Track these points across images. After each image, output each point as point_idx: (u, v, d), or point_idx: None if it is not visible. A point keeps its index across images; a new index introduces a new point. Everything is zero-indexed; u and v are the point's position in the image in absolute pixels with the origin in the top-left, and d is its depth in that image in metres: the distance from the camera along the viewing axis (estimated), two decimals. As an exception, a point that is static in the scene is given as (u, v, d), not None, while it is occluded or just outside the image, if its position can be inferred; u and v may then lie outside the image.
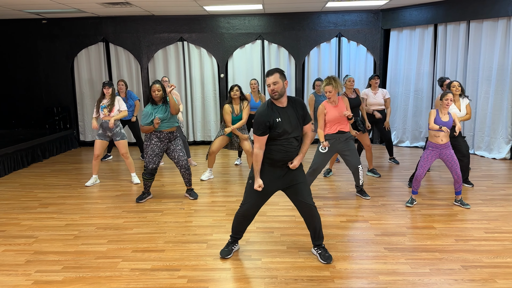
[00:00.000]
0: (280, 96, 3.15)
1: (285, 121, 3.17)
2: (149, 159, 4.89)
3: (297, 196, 3.34)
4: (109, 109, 5.64)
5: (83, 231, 4.19)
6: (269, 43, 8.69)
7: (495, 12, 6.78)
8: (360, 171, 4.92)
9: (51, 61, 8.88)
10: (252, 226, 4.20)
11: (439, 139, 4.51)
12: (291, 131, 3.19)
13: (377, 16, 8.45)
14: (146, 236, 4.01)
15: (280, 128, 3.15)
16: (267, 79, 3.15)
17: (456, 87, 5.09)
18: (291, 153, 3.25)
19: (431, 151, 4.57)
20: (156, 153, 4.89)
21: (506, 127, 6.97)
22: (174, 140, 4.97)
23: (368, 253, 3.56)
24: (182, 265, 3.40)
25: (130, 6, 7.36)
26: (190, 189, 5.24)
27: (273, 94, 3.13)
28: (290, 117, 3.19)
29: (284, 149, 3.21)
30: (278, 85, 3.13)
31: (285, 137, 3.19)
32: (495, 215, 4.43)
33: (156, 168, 4.96)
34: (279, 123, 3.15)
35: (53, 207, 4.99)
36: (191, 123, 9.06)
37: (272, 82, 3.12)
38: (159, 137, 4.87)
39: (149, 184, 5.08)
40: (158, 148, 4.89)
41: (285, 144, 3.20)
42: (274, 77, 3.13)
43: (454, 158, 4.53)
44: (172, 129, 4.94)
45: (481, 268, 3.27)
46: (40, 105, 9.01)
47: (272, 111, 3.17)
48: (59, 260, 3.55)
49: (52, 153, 8.05)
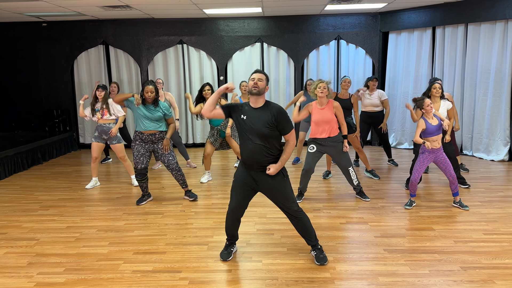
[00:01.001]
0: (259, 94, 3.19)
1: (248, 121, 3.19)
2: (136, 160, 4.93)
3: (277, 203, 3.37)
4: (101, 113, 5.68)
5: (84, 233, 4.21)
6: (268, 46, 8.74)
7: (493, 15, 6.84)
8: (351, 172, 4.94)
9: (51, 64, 8.90)
10: (252, 228, 4.23)
11: (436, 143, 4.56)
12: (252, 134, 3.17)
13: (376, 19, 8.50)
14: (147, 238, 4.03)
15: (242, 125, 3.22)
16: (254, 74, 3.22)
17: (437, 89, 5.08)
18: (259, 158, 3.19)
19: (428, 155, 4.62)
20: (142, 153, 4.91)
21: (504, 129, 7.01)
22: (158, 142, 4.93)
23: (368, 255, 3.59)
24: (183, 267, 3.42)
25: (130, 9, 7.40)
26: (188, 190, 5.26)
27: (253, 88, 3.18)
28: (257, 119, 3.17)
29: (250, 151, 3.20)
30: (262, 83, 3.20)
31: (248, 138, 3.19)
32: (494, 216, 4.46)
33: (146, 168, 4.96)
34: (243, 120, 3.21)
35: (54, 210, 5.01)
36: (191, 126, 9.08)
37: (258, 78, 3.20)
38: (141, 138, 4.90)
39: (145, 185, 5.08)
40: (142, 148, 4.91)
41: (250, 146, 3.20)
42: (261, 75, 3.22)
43: (447, 160, 4.59)
44: (154, 132, 4.88)
45: (479, 269, 3.30)
46: (40, 107, 9.03)
47: (243, 107, 3.27)
48: (61, 262, 3.57)
49: (52, 156, 8.07)
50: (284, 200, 3.33)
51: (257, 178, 3.30)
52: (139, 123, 4.86)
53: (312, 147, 4.88)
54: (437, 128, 4.54)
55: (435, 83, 5.13)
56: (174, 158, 4.99)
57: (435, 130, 4.54)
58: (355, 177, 4.98)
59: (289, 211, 3.36)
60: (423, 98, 4.56)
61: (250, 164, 3.27)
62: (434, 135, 4.55)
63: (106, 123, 5.72)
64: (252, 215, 4.63)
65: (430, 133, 4.54)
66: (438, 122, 4.56)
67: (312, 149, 4.88)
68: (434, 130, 4.54)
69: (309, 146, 4.90)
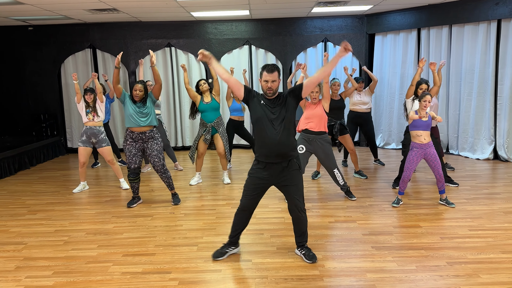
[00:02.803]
0: (274, 95, 3.20)
1: (270, 107, 3.18)
2: (128, 160, 4.95)
3: (289, 197, 3.39)
4: (92, 115, 5.71)
5: (72, 237, 4.19)
6: (256, 48, 8.78)
7: (476, 16, 6.98)
8: (336, 174, 5.01)
9: (38, 68, 8.83)
10: (242, 229, 4.25)
11: (422, 138, 4.64)
12: (276, 119, 3.16)
13: (362, 21, 8.61)
14: (137, 240, 4.03)
15: (264, 111, 3.18)
16: (267, 74, 3.13)
17: (423, 89, 5.20)
18: (283, 145, 3.17)
19: (416, 151, 4.69)
20: (134, 153, 4.93)
21: (488, 128, 7.14)
22: (148, 141, 4.93)
23: (356, 252, 3.64)
24: (173, 268, 3.43)
25: (118, 12, 7.39)
26: (173, 193, 5.24)
27: (268, 92, 3.16)
28: (277, 104, 3.18)
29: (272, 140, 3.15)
30: (275, 83, 3.16)
31: (271, 124, 3.16)
32: (479, 213, 4.55)
33: (139, 167, 4.97)
34: (264, 106, 3.18)
35: (42, 214, 4.97)
36: (180, 129, 9.08)
37: (271, 80, 3.14)
38: (132, 137, 4.92)
39: (136, 186, 5.08)
40: (134, 148, 4.93)
41: (272, 134, 3.16)
42: (273, 75, 3.14)
43: (437, 157, 4.66)
44: (144, 129, 4.89)
45: (465, 264, 3.37)
46: (27, 112, 8.94)
47: (259, 95, 3.25)
48: (49, 265, 3.55)
49: (39, 160, 7.99)
50: (298, 195, 3.33)
51: (273, 173, 3.27)
52: (129, 119, 4.89)
53: (302, 148, 4.96)
54: (425, 124, 4.62)
55: (422, 84, 5.19)
56: (160, 160, 4.98)
57: (422, 125, 4.62)
58: (341, 177, 5.05)
59: (297, 208, 3.36)
60: (427, 94, 4.58)
61: (271, 155, 3.20)
62: (420, 129, 4.64)
63: (96, 125, 5.71)
64: (241, 215, 4.65)
65: (416, 126, 4.64)
66: (428, 120, 4.64)
67: (302, 149, 4.96)
68: (421, 124, 4.62)
69: (299, 147, 4.96)
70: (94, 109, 5.71)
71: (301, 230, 3.50)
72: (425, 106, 4.58)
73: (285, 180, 3.32)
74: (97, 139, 5.73)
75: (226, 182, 6.05)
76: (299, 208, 3.37)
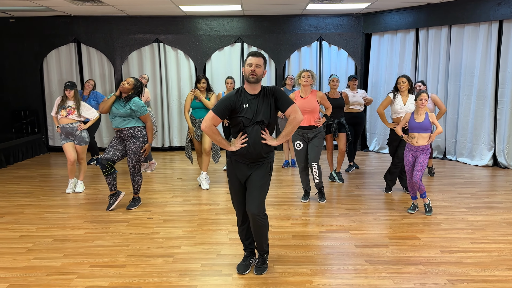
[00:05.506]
0: (257, 81, 2.92)
1: (252, 109, 2.92)
2: (106, 149, 4.68)
3: (248, 197, 3.03)
4: (67, 112, 5.32)
5: (38, 244, 3.80)
6: (248, 46, 8.44)
7: (476, 16, 6.69)
8: (314, 168, 4.80)
9: (19, 62, 8.42)
10: (224, 237, 3.89)
11: (414, 141, 4.43)
12: (258, 120, 2.92)
13: (359, 20, 8.30)
14: (107, 250, 3.65)
15: (245, 115, 2.91)
16: (251, 58, 2.92)
17: (400, 84, 4.98)
18: (260, 147, 2.94)
19: (408, 152, 4.53)
20: (112, 144, 4.67)
21: (488, 133, 6.84)
22: (127, 139, 4.64)
23: (348, 266, 3.29)
24: (143, 282, 3.06)
25: (102, 4, 7.01)
26: (135, 197, 4.89)
27: (251, 76, 2.89)
28: (260, 105, 2.93)
29: (253, 141, 2.92)
30: (260, 69, 2.92)
31: (251, 126, 2.92)
32: (480, 224, 4.23)
33: (110, 159, 4.58)
34: (246, 109, 2.91)
35: (9, 217, 4.57)
36: (167, 128, 8.69)
37: (256, 64, 2.90)
38: (116, 134, 4.73)
39: (109, 181, 4.68)
40: (115, 140, 4.71)
41: (252, 135, 2.92)
42: (259, 59, 2.93)
43: (423, 166, 4.39)
44: (121, 128, 4.61)
45: (468, 282, 3.03)
46: (6, 108, 8.52)
47: (241, 96, 2.95)
48: (5, 277, 3.17)
49: (17, 159, 7.58)
50: (255, 197, 2.97)
51: (248, 172, 3.01)
52: (111, 119, 4.71)
53: (299, 144, 4.86)
54: (420, 126, 4.35)
55: (399, 77, 5.03)
56: (133, 161, 4.63)
57: (417, 127, 4.37)
58: (317, 175, 4.82)
59: (250, 211, 2.98)
60: (423, 92, 4.33)
61: (248, 156, 2.95)
62: (414, 131, 4.40)
63: (69, 123, 5.33)
64: (225, 222, 4.30)
65: (410, 127, 4.44)
66: (424, 120, 4.34)
67: (299, 146, 4.86)
68: (415, 126, 4.39)
69: (296, 144, 4.86)
70: (73, 107, 5.33)
71: (262, 237, 3.14)
72: (421, 105, 4.30)
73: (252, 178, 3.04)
74: (75, 136, 5.40)
75: (204, 188, 5.63)
76: (258, 211, 3.04)
